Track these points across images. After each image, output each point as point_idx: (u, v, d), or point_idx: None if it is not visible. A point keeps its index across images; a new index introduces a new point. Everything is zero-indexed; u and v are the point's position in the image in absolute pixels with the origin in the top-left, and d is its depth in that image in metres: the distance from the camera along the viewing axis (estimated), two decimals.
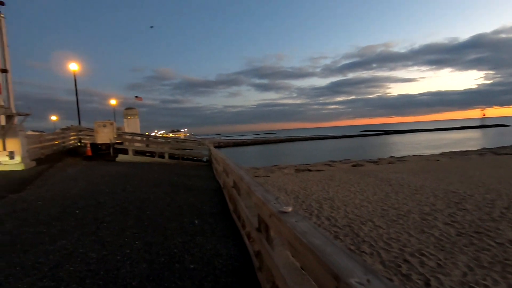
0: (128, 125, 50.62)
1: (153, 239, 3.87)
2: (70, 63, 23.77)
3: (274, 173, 20.32)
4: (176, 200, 6.35)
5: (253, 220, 3.32)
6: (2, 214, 4.83)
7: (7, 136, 9.49)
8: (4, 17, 10.59)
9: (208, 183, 9.16)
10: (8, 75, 10.46)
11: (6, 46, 10.50)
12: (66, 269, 2.93)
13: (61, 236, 3.85)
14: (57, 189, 6.73)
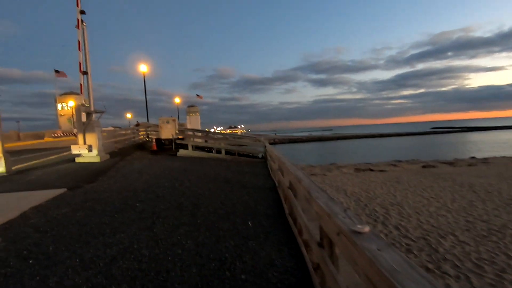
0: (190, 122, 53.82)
1: (205, 240, 3.70)
2: (141, 65, 26.07)
3: (331, 172, 19.26)
4: (230, 197, 6.21)
5: (313, 230, 2.87)
6: (77, 202, 5.25)
7: (86, 131, 10.64)
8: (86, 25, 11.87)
9: (262, 181, 8.91)
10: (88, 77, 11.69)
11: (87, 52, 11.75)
12: (119, 266, 2.90)
13: (120, 229, 3.94)
14: (124, 181, 7.20)
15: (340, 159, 28.47)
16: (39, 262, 2.97)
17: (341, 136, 76.16)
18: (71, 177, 7.58)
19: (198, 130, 24.44)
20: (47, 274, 2.72)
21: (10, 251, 3.20)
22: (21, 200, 5.24)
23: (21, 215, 4.43)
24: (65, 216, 4.42)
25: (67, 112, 48.96)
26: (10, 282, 2.59)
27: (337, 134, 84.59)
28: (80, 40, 10.83)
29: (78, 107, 10.81)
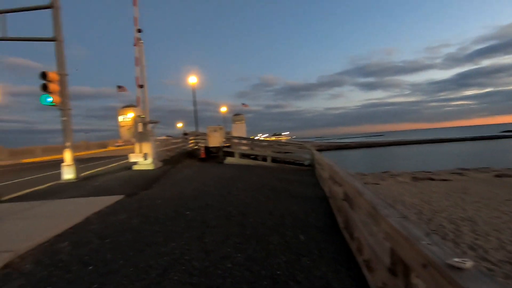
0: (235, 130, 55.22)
1: (255, 254, 3.51)
2: (190, 77, 27.50)
3: (385, 180, 17.84)
4: (278, 207, 5.97)
5: (377, 249, 2.49)
6: (133, 209, 5.50)
7: (142, 141, 11.39)
8: (142, 42, 12.85)
9: (311, 190, 8.51)
10: (144, 90, 12.56)
11: (143, 66, 12.68)
12: (171, 278, 2.85)
13: (172, 238, 3.95)
14: (175, 189, 7.43)
15: (394, 166, 26.33)
16: (97, 269, 3.06)
17: (394, 142, 70.98)
18: (128, 184, 8.08)
19: (243, 138, 24.77)
20: (104, 282, 2.77)
21: (73, 256, 3.38)
22: (86, 205, 5.66)
23: (85, 220, 4.75)
24: (122, 223, 4.62)
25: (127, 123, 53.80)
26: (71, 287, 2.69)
27: (389, 140, 79.05)
28: (137, 56, 11.71)
29: (136, 118, 11.65)
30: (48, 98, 8.33)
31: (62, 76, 8.89)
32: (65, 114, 9.03)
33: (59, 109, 8.95)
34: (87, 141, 43.18)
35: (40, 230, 4.19)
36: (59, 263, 3.22)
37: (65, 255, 3.43)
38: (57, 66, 8.91)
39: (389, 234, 1.99)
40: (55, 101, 8.53)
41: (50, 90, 8.34)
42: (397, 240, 1.84)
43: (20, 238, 3.91)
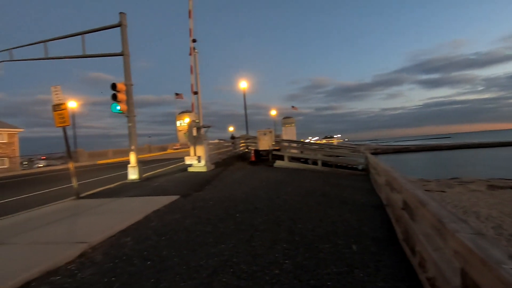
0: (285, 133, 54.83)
1: (304, 261, 3.40)
2: (241, 82, 28.29)
3: (452, 188, 15.91)
4: (330, 214, 5.72)
5: (446, 270, 2.19)
6: (187, 209, 5.81)
7: (196, 144, 12.03)
8: (197, 52, 13.63)
9: (365, 197, 7.99)
10: (198, 96, 13.28)
11: (198, 74, 13.43)
12: (219, 280, 2.91)
13: (222, 240, 4.06)
14: (225, 191, 7.66)
15: (464, 172, 23.34)
16: (155, 265, 3.29)
17: (463, 144, 63.07)
18: (183, 185, 8.58)
19: (293, 141, 24.52)
20: (159, 278, 2.95)
21: (135, 251, 3.69)
22: (146, 204, 6.16)
23: (145, 218, 5.17)
24: (177, 222, 4.91)
25: (183, 128, 57.68)
26: (132, 281, 2.93)
27: (458, 142, 70.44)
28: (192, 65, 12.45)
29: (190, 123, 12.37)
30: (117, 106, 9.34)
31: (128, 87, 9.89)
32: (130, 120, 10.01)
33: (126, 116, 9.96)
34: (150, 144, 47.40)
35: (108, 225, 4.67)
36: (123, 256, 3.54)
37: (128, 249, 3.76)
38: (124, 78, 9.94)
39: (459, 252, 1.73)
40: (122, 109, 9.52)
41: (118, 99, 9.34)
42: (469, 260, 1.58)
43: (92, 231, 4.41)
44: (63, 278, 3.01)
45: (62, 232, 4.57)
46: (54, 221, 5.25)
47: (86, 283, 2.89)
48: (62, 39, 10.68)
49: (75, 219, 5.39)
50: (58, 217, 5.55)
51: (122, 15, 9.96)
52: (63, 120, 7.16)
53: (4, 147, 31.79)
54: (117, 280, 2.95)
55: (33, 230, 4.72)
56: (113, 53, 10.09)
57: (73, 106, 32.40)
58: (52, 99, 7.13)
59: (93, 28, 10.20)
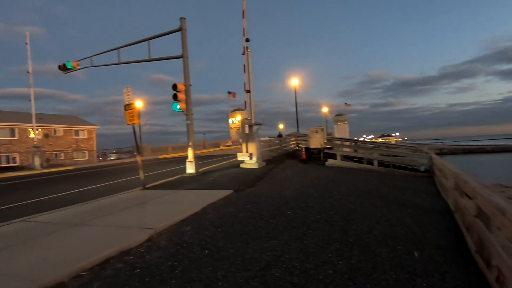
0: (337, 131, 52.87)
1: (359, 264, 3.28)
2: (292, 79, 28.08)
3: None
4: (387, 217, 5.38)
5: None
6: (240, 204, 6.04)
7: (248, 141, 12.35)
8: (250, 51, 13.93)
9: (429, 201, 7.32)
10: (251, 95, 13.58)
11: (250, 73, 13.73)
12: (272, 274, 2.97)
13: (274, 235, 4.13)
14: (276, 188, 7.73)
15: None
16: (212, 254, 3.50)
17: None
18: (236, 180, 8.91)
19: (346, 139, 23.52)
20: (217, 267, 3.14)
21: (194, 239, 3.98)
22: (203, 197, 6.57)
23: (202, 210, 5.52)
24: (231, 215, 5.14)
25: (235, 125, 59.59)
26: (192, 266, 3.17)
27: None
28: (245, 64, 12.77)
29: (243, 120, 12.73)
30: (177, 105, 10.08)
31: (187, 87, 10.60)
32: (188, 118, 10.73)
33: (184, 114, 10.70)
34: (204, 141, 50.08)
35: (170, 215, 5.11)
36: (184, 243, 3.85)
37: (188, 237, 4.07)
38: (184, 79, 10.67)
39: None
40: (182, 107, 10.24)
41: (178, 99, 10.08)
42: None
43: (157, 219, 4.88)
44: (134, 259, 3.40)
45: (132, 218, 5.14)
46: (125, 208, 5.93)
47: (153, 265, 3.22)
48: (131, 45, 11.90)
49: (142, 207, 6.01)
50: (128, 204, 6.25)
51: (182, 20, 10.68)
52: (132, 118, 8.00)
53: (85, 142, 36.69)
54: (179, 264, 3.22)
55: (108, 215, 5.41)
56: (174, 56, 10.90)
57: (139, 105, 35.96)
58: (124, 99, 8.02)
59: (157, 34, 11.15)
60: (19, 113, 33.51)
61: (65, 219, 5.25)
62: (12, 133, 30.25)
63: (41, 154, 23.21)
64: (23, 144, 30.33)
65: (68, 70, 13.92)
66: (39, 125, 28.57)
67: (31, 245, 3.92)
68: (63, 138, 34.24)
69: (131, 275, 3.00)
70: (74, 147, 35.08)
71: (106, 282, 2.86)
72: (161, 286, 2.77)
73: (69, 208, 6.20)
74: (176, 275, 2.99)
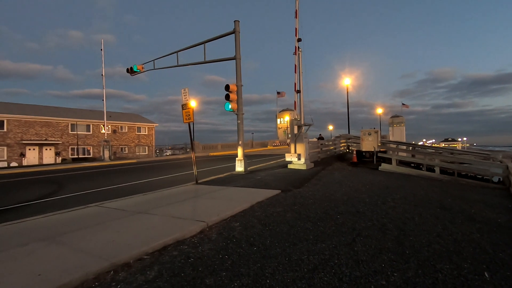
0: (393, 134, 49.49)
1: (416, 279, 3.04)
2: (344, 78, 27.03)
3: None
4: (451, 231, 4.88)
5: None
6: (287, 204, 6.04)
7: (297, 142, 12.25)
8: (301, 51, 13.79)
9: (503, 216, 6.43)
10: (301, 95, 13.44)
11: (301, 74, 13.59)
12: (320, 278, 2.93)
13: (322, 239, 4.05)
14: (325, 190, 7.54)
15: None
16: (260, 251, 3.58)
17: None
18: (283, 180, 8.91)
19: (402, 143, 21.84)
20: (264, 264, 3.21)
21: (243, 235, 4.11)
22: (251, 195, 6.72)
23: (250, 207, 5.66)
24: (278, 215, 5.17)
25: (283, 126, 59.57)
26: (241, 261, 3.28)
27: None
28: (297, 64, 12.68)
29: (292, 121, 12.66)
30: (229, 105, 10.47)
31: (239, 87, 10.93)
32: (239, 117, 11.05)
33: (235, 114, 11.05)
34: (252, 140, 51.02)
35: (221, 210, 5.34)
36: (233, 238, 4.00)
37: (237, 233, 4.22)
38: (236, 79, 11.03)
39: None
40: (233, 107, 10.60)
41: (230, 99, 10.45)
42: None
43: (209, 213, 5.14)
44: (188, 248, 3.64)
45: (186, 210, 5.50)
46: (180, 200, 6.37)
47: (205, 256, 3.42)
48: (189, 49, 12.69)
49: (195, 201, 6.39)
50: (183, 197, 6.70)
51: (236, 23, 11.04)
52: (189, 117, 8.54)
53: (145, 138, 40.18)
54: (229, 258, 3.36)
55: (166, 205, 5.87)
56: (227, 58, 11.32)
57: (194, 105, 38.24)
58: (182, 99, 8.61)
59: (212, 37, 11.71)
60: (93, 111, 38.23)
61: (130, 207, 5.85)
62: (88, 128, 34.63)
63: (110, 148, 26.12)
64: (95, 138, 34.55)
65: (134, 73, 15.41)
66: (109, 122, 32.23)
67: (103, 227, 4.46)
68: (127, 134, 38.01)
69: (185, 263, 3.22)
70: (136, 142, 38.70)
71: (164, 267, 3.12)
72: (212, 276, 2.92)
73: (133, 197, 6.89)
74: (226, 267, 3.13)
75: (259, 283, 2.80)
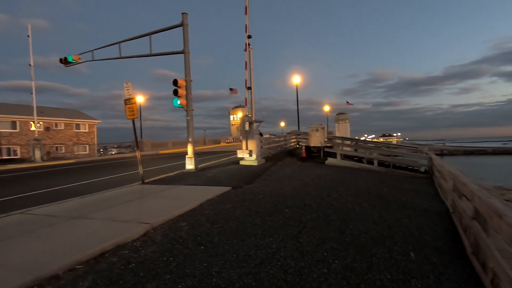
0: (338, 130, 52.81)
1: (354, 264, 3.27)
2: (294, 77, 28.00)
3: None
4: (385, 217, 5.37)
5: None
6: (237, 200, 6.03)
7: (248, 138, 12.32)
8: (252, 48, 13.85)
9: (428, 202, 7.30)
10: (252, 92, 13.52)
11: (252, 70, 13.66)
12: (267, 272, 2.97)
13: (269, 233, 4.13)
14: (275, 186, 7.73)
15: None
16: (207, 250, 3.50)
17: None
18: (235, 177, 8.90)
19: (347, 138, 23.46)
20: (211, 263, 3.14)
21: (190, 235, 3.98)
22: (201, 193, 6.56)
23: (199, 206, 5.52)
24: (228, 212, 5.14)
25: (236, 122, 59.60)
26: (186, 262, 3.17)
27: None
28: (247, 61, 12.71)
29: (243, 117, 12.69)
30: (177, 101, 10.06)
31: (188, 82, 10.56)
32: (188, 114, 10.70)
33: (185, 110, 10.67)
34: (205, 137, 50.08)
35: (168, 210, 5.11)
36: (180, 239, 3.85)
37: (184, 233, 4.07)
38: (185, 74, 10.64)
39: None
40: (182, 103, 10.22)
41: (179, 94, 10.05)
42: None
43: (154, 214, 4.88)
44: (129, 253, 3.40)
45: (129, 212, 5.15)
46: (124, 202, 5.94)
47: (148, 260, 3.22)
48: (133, 40, 11.86)
49: (141, 202, 6.02)
50: (127, 199, 6.26)
51: (184, 15, 10.63)
52: (132, 113, 7.99)
53: (86, 136, 36.75)
54: (174, 260, 3.23)
55: (107, 208, 5.41)
56: (175, 51, 10.85)
57: (140, 100, 35.90)
58: (124, 94, 8.01)
59: (158, 29, 11.10)
60: (21, 106, 33.54)
61: (63, 212, 5.26)
62: (14, 125, 30.31)
63: (41, 147, 23.26)
64: (24, 136, 30.41)
65: (69, 64, 13.90)
66: (40, 118, 28.61)
67: (29, 237, 3.93)
68: (64, 131, 34.28)
69: (125, 269, 3.00)
70: (74, 141, 35.14)
71: (100, 275, 2.86)
72: (154, 281, 2.77)
73: (67, 201, 6.22)
74: (171, 270, 2.99)
75: (204, 283, 2.73)
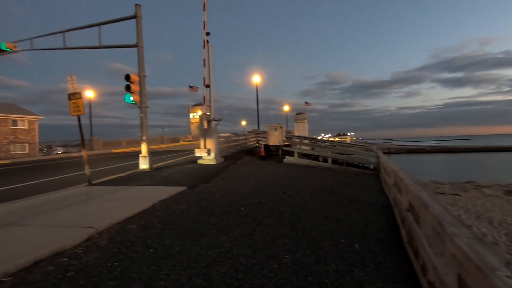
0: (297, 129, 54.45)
1: (303, 258, 3.40)
2: (254, 76, 28.22)
3: (467, 192, 15.44)
4: (336, 212, 5.67)
5: (445, 275, 2.14)
6: (193, 200, 5.90)
7: (207, 137, 12.13)
8: (210, 45, 13.63)
9: (374, 197, 7.87)
10: (210, 89, 13.32)
11: (210, 68, 13.46)
12: (218, 270, 2.95)
13: (224, 232, 4.11)
14: (233, 184, 7.72)
15: (482, 176, 22.57)
16: (157, 252, 3.37)
17: (483, 147, 60.81)
18: (192, 176, 8.70)
19: (304, 137, 24.33)
20: (160, 265, 3.03)
21: (139, 238, 3.79)
22: (154, 193, 6.29)
23: (152, 206, 5.29)
24: (182, 212, 5.00)
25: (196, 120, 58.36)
26: (133, 266, 3.01)
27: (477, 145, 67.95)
28: (205, 58, 12.48)
29: (201, 116, 12.46)
30: (130, 97, 9.51)
31: (141, 78, 10.05)
32: (142, 111, 10.19)
33: (138, 107, 10.14)
34: (163, 135, 48.20)
35: (116, 212, 4.81)
36: (127, 242, 3.65)
37: (133, 236, 3.87)
38: (138, 69, 10.10)
39: (456, 257, 1.68)
40: (135, 99, 9.69)
41: (131, 90, 9.51)
42: (466, 266, 1.54)
43: (100, 217, 4.55)
44: (69, 260, 3.13)
45: (72, 217, 4.74)
46: (66, 205, 5.45)
47: (90, 266, 3.00)
48: (79, 29, 10.93)
49: (86, 204, 5.58)
50: (70, 202, 5.76)
51: (138, 7, 10.08)
52: (78, 109, 7.36)
53: (25, 133, 33.03)
54: (120, 265, 3.05)
55: (46, 213, 4.92)
56: (127, 45, 10.25)
57: (90, 95, 33.23)
58: (68, 88, 7.34)
59: (109, 20, 10.37)
60: None
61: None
62: None
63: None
64: None
65: (3, 52, 12.36)
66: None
67: None
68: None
69: (62, 278, 2.76)
70: (10, 139, 31.39)
71: (31, 287, 2.59)
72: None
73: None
74: (115, 276, 2.82)
75: (152, 287, 2.62)
